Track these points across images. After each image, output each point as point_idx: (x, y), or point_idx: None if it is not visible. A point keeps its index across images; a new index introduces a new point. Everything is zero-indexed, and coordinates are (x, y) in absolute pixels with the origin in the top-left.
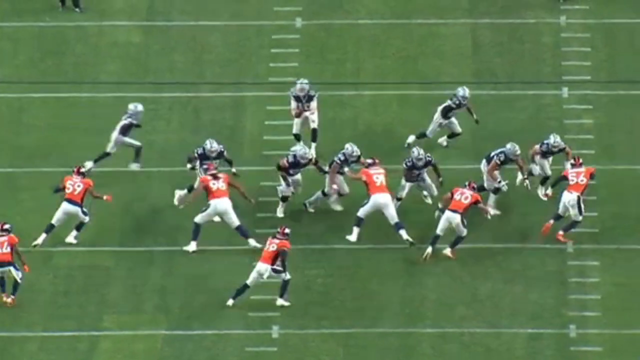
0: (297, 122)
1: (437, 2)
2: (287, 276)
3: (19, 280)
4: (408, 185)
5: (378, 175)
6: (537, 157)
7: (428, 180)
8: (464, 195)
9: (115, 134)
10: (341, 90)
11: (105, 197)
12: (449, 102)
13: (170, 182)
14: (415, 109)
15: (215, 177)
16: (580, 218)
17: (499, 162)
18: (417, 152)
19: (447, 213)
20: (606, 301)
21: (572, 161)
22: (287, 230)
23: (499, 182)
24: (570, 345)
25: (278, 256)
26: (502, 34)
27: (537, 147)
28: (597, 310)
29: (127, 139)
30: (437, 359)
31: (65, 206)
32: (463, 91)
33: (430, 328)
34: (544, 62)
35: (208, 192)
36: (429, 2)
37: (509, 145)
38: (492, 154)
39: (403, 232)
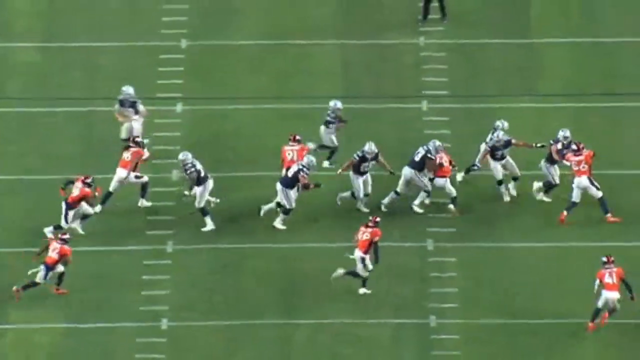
0: (125, 127)
1: (309, 24)
2: (371, 267)
3: (38, 280)
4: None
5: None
6: (491, 160)
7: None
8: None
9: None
10: (223, 104)
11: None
12: (327, 118)
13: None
14: (290, 121)
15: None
16: (601, 194)
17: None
18: (369, 146)
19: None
20: (462, 294)
21: (574, 147)
22: (377, 219)
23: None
24: (430, 334)
25: (371, 244)
26: (368, 53)
27: (486, 147)
28: (455, 302)
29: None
30: (311, 347)
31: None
32: (334, 103)
33: (304, 319)
34: (405, 78)
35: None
36: (302, 24)
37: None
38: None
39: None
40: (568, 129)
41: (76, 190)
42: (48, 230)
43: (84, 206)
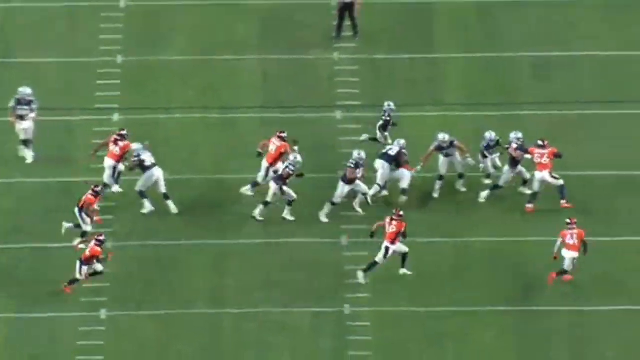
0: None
1: (234, 41)
2: (406, 249)
3: (77, 276)
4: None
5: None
6: (440, 156)
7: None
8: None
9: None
10: (155, 114)
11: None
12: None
13: (9, 191)
14: (216, 130)
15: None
16: (562, 182)
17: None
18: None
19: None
20: (374, 284)
21: (540, 142)
22: (401, 213)
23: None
24: (346, 321)
25: (399, 235)
26: (287, 67)
27: (431, 148)
28: (367, 292)
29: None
30: (239, 335)
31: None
32: (388, 105)
33: (232, 309)
34: (321, 90)
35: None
36: (227, 41)
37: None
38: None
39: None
40: (520, 132)
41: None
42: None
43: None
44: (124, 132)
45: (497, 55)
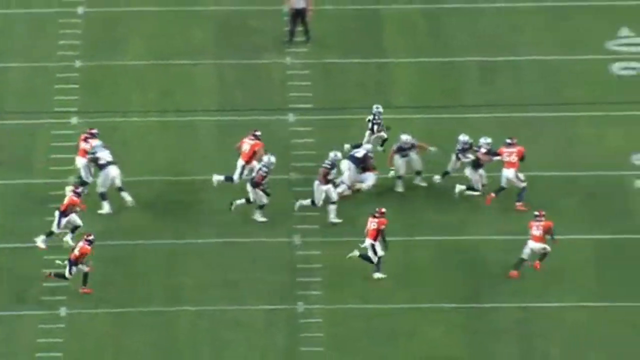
0: None
1: (190, 46)
2: (381, 253)
3: (66, 275)
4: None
5: None
6: (396, 157)
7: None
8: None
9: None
10: (113, 117)
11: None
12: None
13: None
14: (173, 133)
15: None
16: (523, 184)
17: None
18: (334, 154)
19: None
20: (326, 282)
21: (509, 140)
22: (383, 210)
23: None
24: (298, 318)
25: (379, 232)
26: (241, 71)
27: (393, 147)
28: (320, 290)
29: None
30: (194, 332)
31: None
32: (376, 108)
33: (188, 306)
34: (274, 93)
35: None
36: (184, 47)
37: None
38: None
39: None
40: (489, 137)
41: (66, 197)
42: (40, 240)
43: (73, 216)
44: (94, 131)
45: (444, 59)
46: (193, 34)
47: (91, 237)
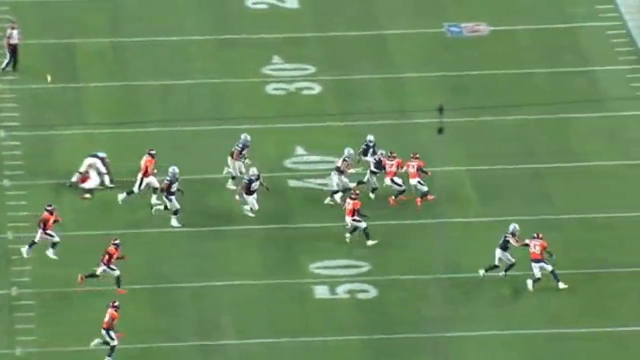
0: None
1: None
2: (364, 225)
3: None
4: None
5: None
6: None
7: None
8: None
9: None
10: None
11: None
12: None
13: None
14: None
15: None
16: (402, 188)
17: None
18: (254, 170)
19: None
20: (35, 271)
21: (389, 154)
22: (357, 192)
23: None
24: (12, 301)
25: (354, 211)
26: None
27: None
28: (29, 277)
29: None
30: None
31: None
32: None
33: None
34: None
35: None
36: None
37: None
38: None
39: None
40: (351, 148)
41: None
42: (24, 250)
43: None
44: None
45: (126, 83)
46: None
47: (117, 242)
